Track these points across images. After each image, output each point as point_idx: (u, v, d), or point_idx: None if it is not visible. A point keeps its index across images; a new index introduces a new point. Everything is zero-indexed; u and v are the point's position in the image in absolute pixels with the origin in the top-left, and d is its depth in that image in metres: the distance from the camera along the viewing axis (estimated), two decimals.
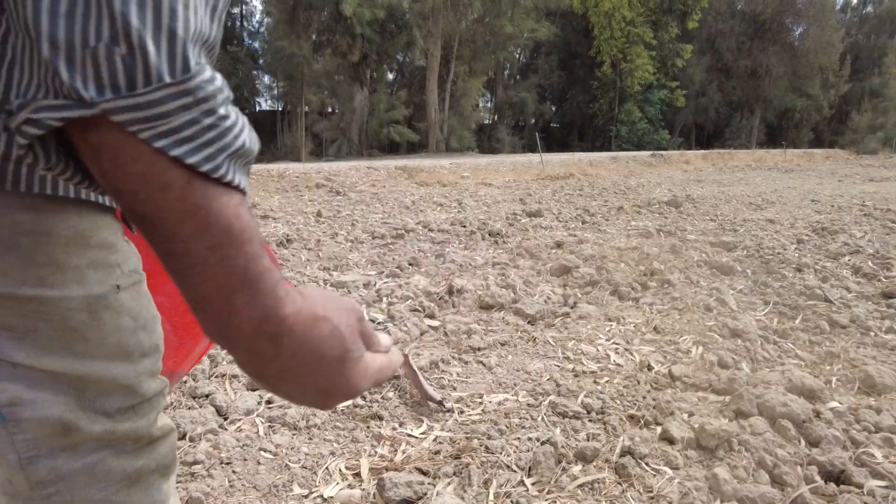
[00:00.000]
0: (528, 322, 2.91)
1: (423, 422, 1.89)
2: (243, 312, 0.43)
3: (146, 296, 0.64)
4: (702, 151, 25.30)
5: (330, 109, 29.36)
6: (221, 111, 0.41)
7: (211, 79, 0.40)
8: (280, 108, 34.32)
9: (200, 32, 0.40)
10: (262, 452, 1.70)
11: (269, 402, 1.98)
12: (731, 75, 40.32)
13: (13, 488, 0.57)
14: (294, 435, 1.81)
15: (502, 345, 2.59)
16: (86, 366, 0.55)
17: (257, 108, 37.74)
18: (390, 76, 34.67)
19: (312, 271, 3.78)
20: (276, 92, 35.37)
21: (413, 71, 33.26)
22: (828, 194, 9.06)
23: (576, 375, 2.25)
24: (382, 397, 2.03)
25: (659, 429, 1.79)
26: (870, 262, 3.93)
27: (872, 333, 2.66)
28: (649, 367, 2.30)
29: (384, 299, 3.10)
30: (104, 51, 0.36)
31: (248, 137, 0.43)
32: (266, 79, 36.02)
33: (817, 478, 1.55)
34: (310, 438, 1.80)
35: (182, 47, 0.38)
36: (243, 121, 0.44)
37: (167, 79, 0.37)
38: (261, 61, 33.61)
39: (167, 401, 1.92)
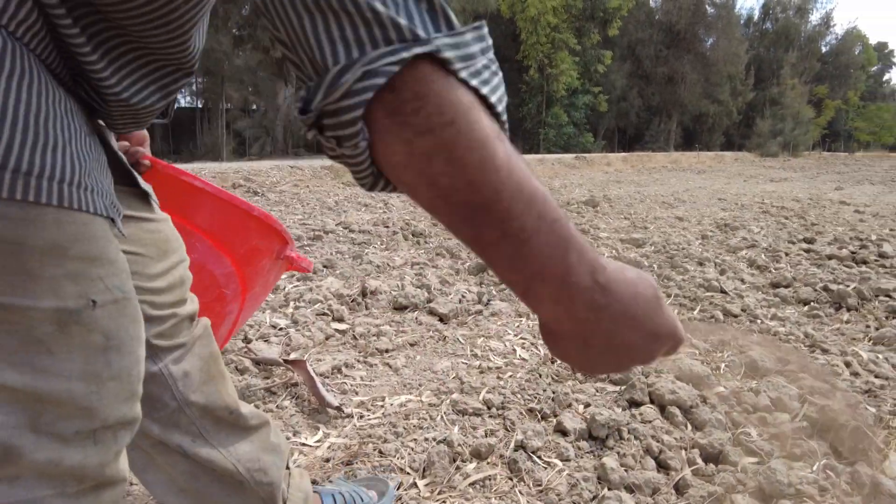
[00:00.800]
0: (441, 321, 2.92)
1: (318, 429, 1.85)
2: (579, 268, 0.45)
3: (129, 317, 0.60)
4: (623, 154, 26.12)
5: (254, 107, 28.63)
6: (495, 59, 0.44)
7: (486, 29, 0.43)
8: (199, 106, 33.26)
9: None
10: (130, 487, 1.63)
11: None
12: (650, 81, 41.88)
13: None
14: None
15: (412, 345, 2.58)
16: (47, 383, 0.51)
17: (175, 106, 36.47)
18: None
19: None
20: (195, 88, 34.25)
21: None
22: (734, 193, 9.53)
23: (481, 372, 2.27)
24: (277, 406, 1.98)
25: (554, 421, 1.83)
26: (763, 255, 4.16)
27: (759, 321, 2.81)
28: (553, 360, 2.35)
29: (291, 304, 3.04)
30: (425, 4, 0.40)
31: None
32: None
33: (699, 460, 1.62)
34: None
35: (448, 9, 0.42)
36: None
37: (462, 27, 0.42)
38: None
39: None
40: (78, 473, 0.54)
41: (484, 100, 0.42)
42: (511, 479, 1.57)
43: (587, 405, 1.94)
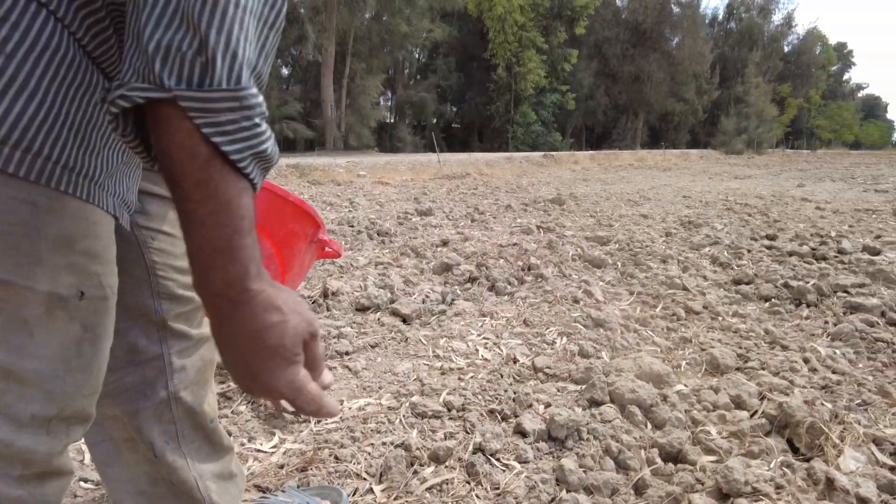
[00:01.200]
0: (404, 322, 2.88)
1: (274, 435, 1.80)
2: (217, 271, 0.52)
3: (109, 315, 0.67)
4: (590, 152, 26.37)
5: None
6: (257, 120, 0.52)
7: (254, 95, 0.52)
8: None
9: (251, 61, 0.52)
10: (80, 483, 1.56)
11: None
12: (617, 80, 42.35)
13: None
14: None
15: (373, 347, 2.54)
16: (19, 361, 0.55)
17: None
18: (285, 71, 33.74)
19: None
20: None
21: (308, 66, 32.57)
22: (698, 191, 9.66)
23: (442, 373, 2.24)
24: (233, 412, 1.93)
25: (514, 422, 1.81)
26: (725, 252, 4.20)
27: (720, 318, 2.83)
28: (515, 360, 2.33)
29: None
30: (189, 56, 0.48)
31: (273, 148, 0.55)
32: None
33: (658, 459, 1.61)
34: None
35: (238, 67, 0.50)
36: (271, 135, 0.56)
37: (224, 85, 0.50)
38: None
39: None
40: (26, 458, 0.57)
41: (214, 145, 0.51)
42: (469, 483, 1.54)
43: (548, 405, 1.92)
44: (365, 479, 1.57)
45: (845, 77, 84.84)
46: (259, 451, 1.72)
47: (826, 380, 2.12)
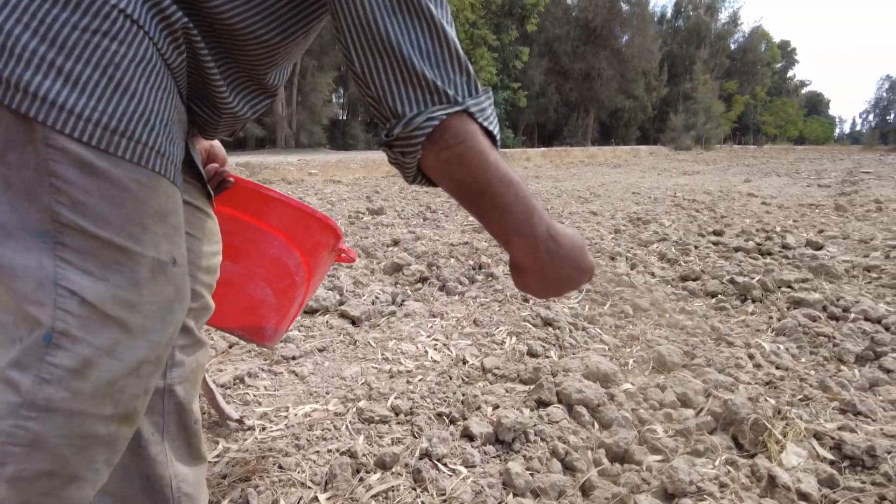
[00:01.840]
0: (353, 324, 2.82)
1: (218, 444, 1.73)
2: (539, 226, 0.77)
3: (188, 280, 0.79)
4: (542, 149, 26.59)
5: None
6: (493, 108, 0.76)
7: (488, 91, 0.76)
8: None
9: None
10: None
11: None
12: (568, 77, 42.83)
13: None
14: None
15: (320, 351, 2.48)
16: (132, 316, 0.69)
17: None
18: None
19: None
20: None
21: None
22: (647, 187, 9.82)
23: (391, 376, 2.20)
24: None
25: (462, 425, 1.78)
26: (673, 249, 4.27)
27: (668, 315, 2.86)
28: (464, 361, 2.30)
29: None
30: (458, 79, 0.72)
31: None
32: None
33: (605, 460, 1.61)
34: None
35: (475, 76, 0.74)
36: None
37: (481, 90, 0.74)
38: None
39: None
40: (118, 399, 0.71)
41: (487, 129, 0.74)
42: (415, 489, 1.50)
43: (496, 406, 1.90)
44: (310, 487, 1.52)
45: (789, 74, 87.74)
46: None
47: (770, 375, 2.16)
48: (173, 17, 0.71)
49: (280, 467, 1.59)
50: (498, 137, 0.76)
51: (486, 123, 0.74)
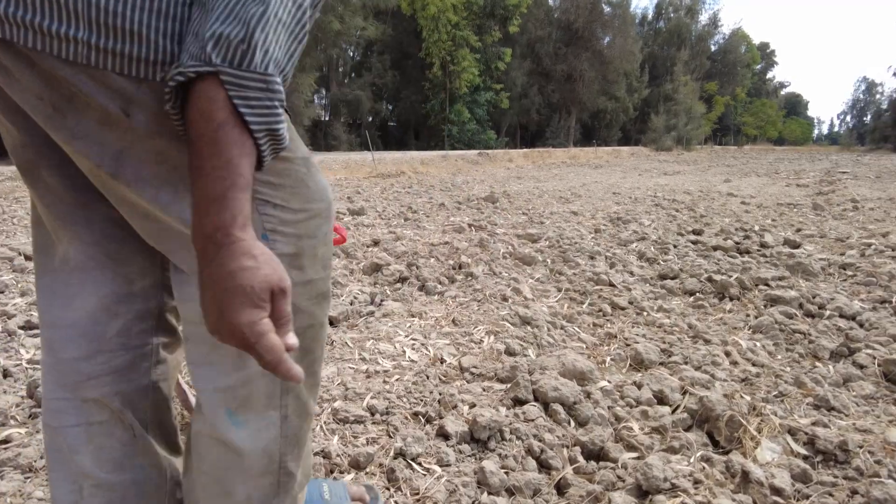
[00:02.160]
0: (331, 324, 2.79)
1: None
2: (211, 217, 0.63)
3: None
4: (524, 150, 26.68)
5: None
6: (276, 104, 0.66)
7: (278, 84, 0.66)
8: None
9: (279, 61, 0.66)
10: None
11: (2, 441, 1.70)
12: (550, 79, 43.01)
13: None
14: (27, 479, 1.56)
15: None
16: (309, 204, 0.84)
17: None
18: None
19: None
20: None
21: None
22: (628, 187, 9.87)
23: (367, 377, 2.17)
24: None
25: (438, 424, 1.76)
26: (652, 248, 4.28)
27: (645, 313, 2.87)
28: (442, 361, 2.29)
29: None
30: (234, 44, 0.62)
31: (285, 133, 0.69)
32: None
33: (580, 458, 1.60)
34: (47, 481, 1.55)
35: (269, 59, 0.64)
36: (286, 121, 0.75)
37: (258, 70, 0.63)
38: None
39: None
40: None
41: (238, 114, 0.64)
42: (388, 489, 1.48)
43: (473, 405, 1.89)
44: None
45: (769, 75, 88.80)
46: None
47: (746, 372, 2.16)
48: None
49: None
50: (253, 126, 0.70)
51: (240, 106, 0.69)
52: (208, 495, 0.91)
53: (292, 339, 0.67)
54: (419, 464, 1.57)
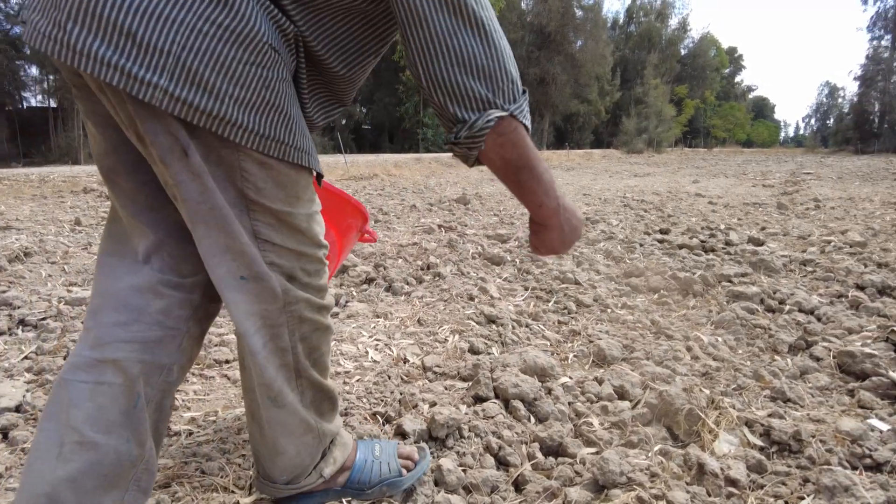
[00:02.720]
0: None
1: None
2: (552, 196, 1.02)
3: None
4: None
5: None
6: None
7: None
8: (53, 105, 30.50)
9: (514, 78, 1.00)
10: None
11: None
12: (524, 82, 43.16)
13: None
14: None
15: None
16: (300, 246, 1.08)
17: (24, 106, 32.90)
18: None
19: (53, 288, 3.29)
20: (46, 86, 31.08)
21: None
22: (598, 188, 9.95)
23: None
24: None
25: (396, 423, 1.74)
26: (619, 247, 4.31)
27: (610, 310, 2.88)
28: (404, 361, 2.27)
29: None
30: (505, 87, 0.93)
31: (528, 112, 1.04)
32: (34, 70, 30.97)
33: (538, 454, 1.59)
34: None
35: (518, 80, 0.98)
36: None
37: (519, 95, 0.96)
38: (26, 49, 28.60)
39: None
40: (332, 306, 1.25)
41: (524, 124, 0.96)
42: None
43: (433, 404, 1.87)
44: (233, 492, 1.46)
45: (737, 79, 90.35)
46: None
47: (706, 367, 2.18)
48: (292, 41, 0.95)
49: (203, 472, 1.52)
50: (529, 127, 0.98)
51: (524, 120, 0.95)
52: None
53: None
54: None
